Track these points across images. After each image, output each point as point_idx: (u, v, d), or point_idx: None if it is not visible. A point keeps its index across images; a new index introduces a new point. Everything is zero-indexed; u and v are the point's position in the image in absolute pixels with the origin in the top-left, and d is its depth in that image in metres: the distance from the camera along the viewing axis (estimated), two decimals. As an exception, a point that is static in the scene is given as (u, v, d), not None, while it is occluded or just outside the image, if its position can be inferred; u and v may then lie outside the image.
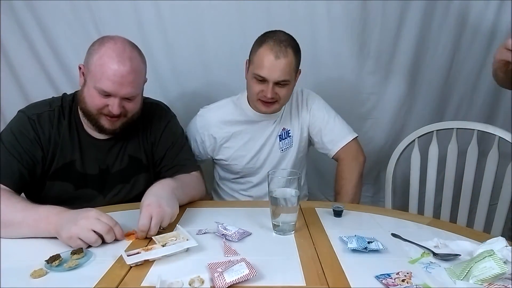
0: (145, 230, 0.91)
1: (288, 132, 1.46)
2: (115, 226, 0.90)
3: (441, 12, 1.79)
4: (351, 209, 1.16)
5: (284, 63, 1.25)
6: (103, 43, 1.10)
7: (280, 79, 1.27)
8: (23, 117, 1.14)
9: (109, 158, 1.21)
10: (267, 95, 1.29)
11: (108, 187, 1.21)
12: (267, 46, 1.26)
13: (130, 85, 1.10)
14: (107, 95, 1.09)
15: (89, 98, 1.11)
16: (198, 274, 0.74)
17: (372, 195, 2.08)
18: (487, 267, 0.74)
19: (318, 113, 1.46)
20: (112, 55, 1.07)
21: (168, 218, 0.96)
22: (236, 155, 1.45)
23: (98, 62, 1.08)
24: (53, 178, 1.16)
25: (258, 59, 1.27)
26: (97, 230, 0.87)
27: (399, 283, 0.73)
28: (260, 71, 1.26)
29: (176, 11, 1.77)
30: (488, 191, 1.41)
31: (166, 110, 1.34)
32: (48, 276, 0.77)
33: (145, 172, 1.26)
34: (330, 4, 1.77)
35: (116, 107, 1.10)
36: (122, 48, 1.09)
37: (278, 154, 1.46)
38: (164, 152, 1.27)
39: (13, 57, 1.79)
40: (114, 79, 1.07)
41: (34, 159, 1.11)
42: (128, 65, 1.08)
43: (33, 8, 1.72)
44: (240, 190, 1.53)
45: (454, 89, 1.93)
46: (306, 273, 0.77)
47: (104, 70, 1.07)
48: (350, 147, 1.46)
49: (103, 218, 0.90)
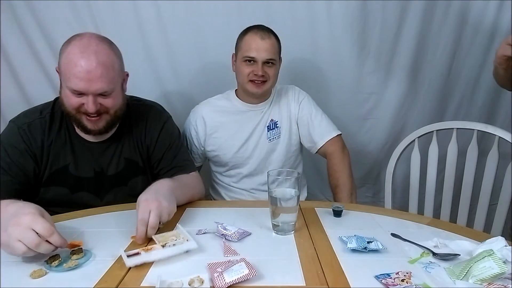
0: (144, 223, 0.88)
1: (276, 123, 1.52)
2: (51, 236, 0.78)
3: (441, 12, 1.79)
4: (351, 209, 1.16)
5: (269, 43, 1.39)
6: (69, 42, 1.07)
7: (268, 57, 1.39)
8: (13, 128, 1.13)
9: (103, 160, 1.20)
10: (258, 73, 1.39)
11: (105, 190, 1.21)
12: (252, 32, 1.41)
13: (100, 80, 1.05)
14: (80, 93, 1.06)
15: (66, 99, 1.09)
16: (198, 274, 0.74)
17: (372, 195, 2.08)
18: (486, 266, 0.74)
19: (307, 107, 1.54)
20: (76, 52, 1.04)
21: (167, 213, 0.93)
22: (225, 145, 1.51)
23: (65, 61, 1.05)
24: (48, 183, 1.16)
25: (245, 44, 1.41)
26: (25, 243, 0.76)
27: (398, 283, 0.73)
28: (249, 52, 1.39)
29: (176, 11, 1.77)
30: (488, 191, 1.41)
31: (161, 111, 1.32)
32: (48, 276, 0.77)
33: (142, 174, 1.25)
34: (330, 4, 1.77)
35: (91, 104, 1.06)
36: (87, 43, 1.05)
37: (266, 145, 1.51)
38: (161, 154, 1.26)
39: (13, 57, 1.79)
40: (81, 76, 1.03)
41: (24, 170, 1.11)
42: (94, 60, 1.04)
43: (33, 8, 1.73)
44: (232, 183, 1.57)
45: (454, 89, 1.93)
46: (305, 273, 0.77)
47: (70, 69, 1.04)
48: (337, 141, 1.54)
49: (38, 226, 0.77)
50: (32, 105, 1.27)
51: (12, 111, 1.20)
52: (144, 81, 1.84)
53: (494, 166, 1.40)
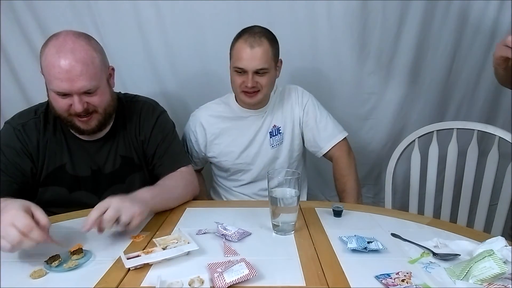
0: (99, 211, 0.86)
1: (279, 129, 1.48)
2: (31, 232, 0.77)
3: (441, 12, 1.79)
4: (351, 209, 1.16)
5: (260, 52, 1.31)
6: (46, 43, 1.04)
7: (258, 67, 1.32)
8: (9, 129, 1.13)
9: (99, 159, 1.20)
10: (248, 85, 1.33)
11: (103, 188, 1.20)
12: (242, 39, 1.33)
13: (81, 78, 1.02)
14: (65, 94, 1.04)
15: (54, 103, 1.08)
16: (198, 274, 0.74)
17: (373, 196, 2.08)
18: (486, 267, 0.74)
19: (311, 111, 1.49)
20: (53, 53, 1.01)
21: (129, 214, 0.89)
22: (226, 151, 1.48)
23: (44, 64, 1.03)
24: (45, 184, 1.16)
25: (235, 53, 1.34)
26: (6, 240, 0.76)
27: (398, 283, 0.73)
28: (239, 63, 1.32)
29: (176, 11, 1.77)
30: (488, 191, 1.41)
31: (154, 106, 1.30)
32: (48, 277, 0.77)
33: (138, 171, 1.25)
34: (330, 4, 1.77)
35: (77, 104, 1.04)
36: (62, 42, 1.02)
37: (269, 151, 1.49)
38: (154, 148, 1.25)
39: (13, 57, 1.79)
40: (61, 77, 1.01)
41: (21, 170, 1.11)
42: (71, 58, 1.01)
43: (33, 8, 1.73)
44: (234, 187, 1.56)
45: (455, 89, 1.92)
46: (306, 273, 0.77)
47: (50, 71, 1.01)
48: (343, 145, 1.51)
49: (19, 222, 0.76)
50: (32, 104, 1.27)
51: (12, 111, 1.20)
52: (144, 80, 1.84)
53: (494, 166, 1.39)
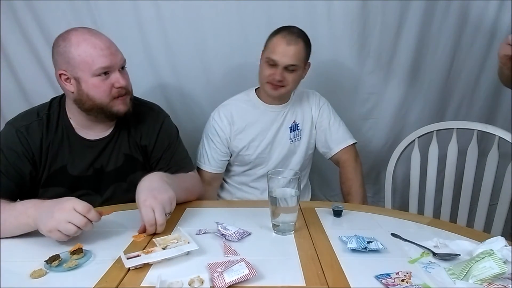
0: (152, 223, 0.93)
1: (298, 125, 1.55)
2: (89, 212, 0.87)
3: (441, 12, 1.79)
4: (351, 209, 1.16)
5: (294, 50, 1.37)
6: (67, 37, 1.08)
7: (289, 63, 1.37)
8: (11, 131, 1.12)
9: (103, 158, 1.20)
10: (276, 77, 1.39)
11: (104, 187, 1.21)
12: (281, 34, 1.39)
13: (118, 52, 1.12)
14: (106, 72, 1.09)
15: (94, 91, 1.10)
16: (198, 274, 0.74)
17: (372, 195, 2.08)
18: (486, 266, 0.74)
19: (326, 113, 1.57)
20: (86, 37, 1.07)
21: (169, 204, 0.96)
22: (250, 145, 1.52)
23: (79, 51, 1.06)
24: (46, 185, 1.16)
25: (271, 45, 1.40)
26: (74, 223, 0.85)
27: (398, 283, 0.73)
28: (273, 55, 1.38)
29: (176, 11, 1.76)
30: (488, 191, 1.41)
31: (158, 111, 1.32)
32: (48, 277, 0.77)
33: (141, 170, 1.24)
34: (330, 4, 1.77)
35: (121, 79, 1.11)
36: (85, 30, 1.09)
37: (287, 146, 1.53)
38: (161, 154, 1.26)
39: (13, 57, 1.79)
40: (103, 53, 1.07)
41: (21, 172, 1.11)
42: (103, 37, 1.10)
43: (33, 8, 1.72)
44: (249, 182, 1.59)
45: (454, 89, 1.92)
46: (306, 273, 0.77)
47: (91, 52, 1.06)
48: (351, 149, 1.56)
49: (79, 207, 0.86)
50: (32, 104, 1.27)
51: (12, 111, 1.20)
52: (144, 80, 1.83)
53: (494, 166, 1.40)
